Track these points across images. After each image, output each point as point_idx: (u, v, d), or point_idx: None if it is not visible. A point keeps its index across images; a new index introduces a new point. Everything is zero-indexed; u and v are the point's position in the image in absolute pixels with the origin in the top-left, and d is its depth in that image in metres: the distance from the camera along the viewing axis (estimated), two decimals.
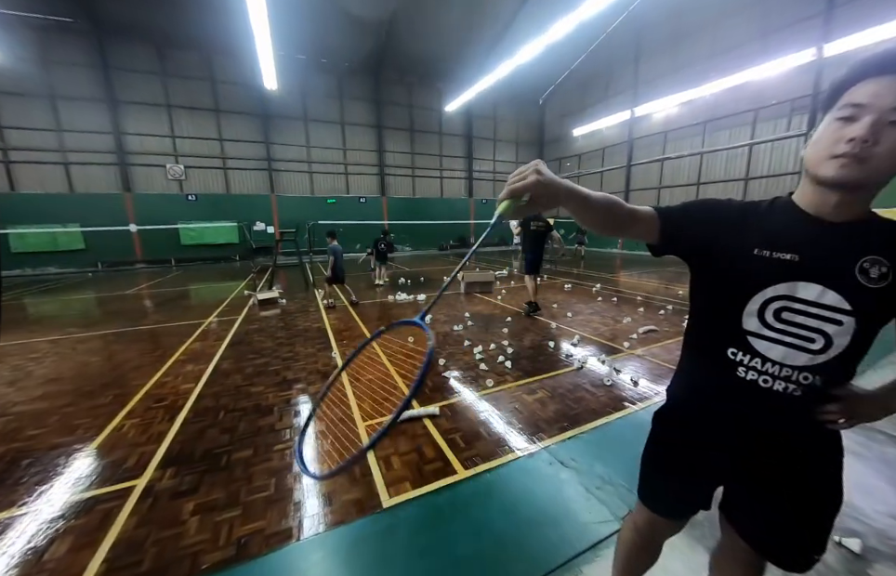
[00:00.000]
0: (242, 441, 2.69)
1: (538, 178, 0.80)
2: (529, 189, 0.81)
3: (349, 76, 19.92)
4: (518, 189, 0.81)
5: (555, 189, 0.83)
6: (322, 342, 5.00)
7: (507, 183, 0.83)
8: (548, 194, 0.82)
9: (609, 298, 7.55)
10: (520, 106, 24.69)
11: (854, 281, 0.79)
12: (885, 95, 0.70)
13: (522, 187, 0.81)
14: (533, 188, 0.81)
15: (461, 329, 5.41)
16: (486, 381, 3.60)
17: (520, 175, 0.82)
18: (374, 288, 9.16)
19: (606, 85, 20.54)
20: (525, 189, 0.81)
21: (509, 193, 0.82)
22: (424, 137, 22.50)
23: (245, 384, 3.70)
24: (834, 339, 0.82)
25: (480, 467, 2.34)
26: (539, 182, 0.80)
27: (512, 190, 0.82)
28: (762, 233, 0.88)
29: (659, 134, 18.25)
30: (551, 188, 0.82)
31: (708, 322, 1.01)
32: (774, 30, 13.54)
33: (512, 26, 16.79)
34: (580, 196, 0.87)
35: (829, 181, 0.77)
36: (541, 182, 0.80)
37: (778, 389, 0.87)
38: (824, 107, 0.82)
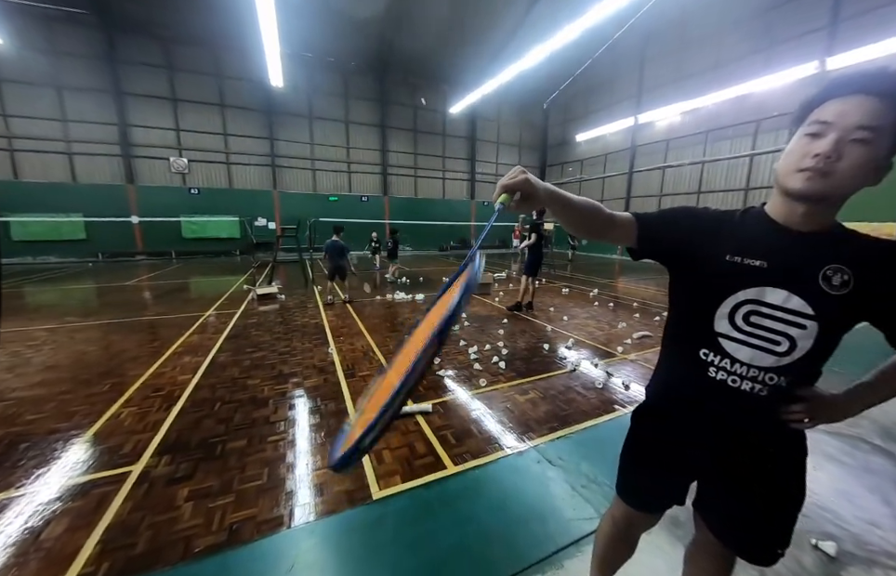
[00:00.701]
0: (237, 432, 2.74)
1: (527, 177, 0.89)
2: (518, 185, 0.89)
3: (355, 75, 20.00)
4: (510, 185, 0.89)
5: (537, 188, 0.91)
6: (319, 338, 5.04)
7: (500, 183, 0.91)
8: (531, 192, 0.90)
9: (605, 303, 7.60)
10: (524, 110, 24.75)
11: (817, 288, 0.84)
12: (850, 113, 0.74)
13: (514, 184, 0.89)
14: (522, 185, 0.89)
15: (457, 328, 5.46)
16: (480, 380, 3.65)
17: (510, 175, 0.91)
18: (374, 286, 9.21)
19: (610, 92, 20.62)
20: (515, 186, 0.89)
21: (503, 189, 0.90)
22: (427, 137, 22.57)
23: (242, 376, 3.74)
24: (798, 342, 0.86)
25: (469, 464, 2.38)
26: (528, 180, 0.89)
27: (505, 186, 0.89)
28: (735, 240, 0.93)
29: (661, 141, 18.31)
30: (536, 186, 0.90)
31: (683, 324, 1.06)
32: (778, 42, 13.61)
33: (518, 31, 16.88)
34: (561, 199, 0.95)
35: (795, 193, 0.82)
36: (528, 180, 0.89)
37: (745, 389, 0.92)
38: (795, 122, 0.87)
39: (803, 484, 1.01)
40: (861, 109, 0.73)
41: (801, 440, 1.01)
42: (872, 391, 0.94)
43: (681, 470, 1.12)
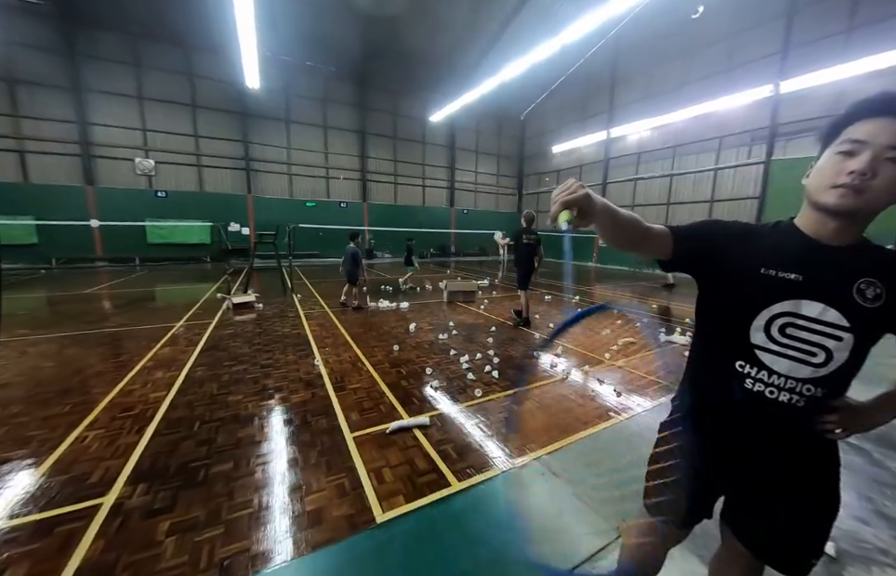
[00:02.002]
0: (221, 454, 2.54)
1: (588, 191, 0.85)
2: (578, 201, 0.85)
3: (334, 80, 19.72)
4: (570, 201, 0.84)
5: (596, 204, 0.87)
6: (304, 349, 4.83)
7: (557, 199, 0.86)
8: (590, 207, 0.87)
9: None
10: (502, 120, 25.23)
11: (852, 301, 0.85)
12: (882, 134, 0.77)
13: (574, 199, 0.84)
14: (583, 200, 0.85)
15: (446, 338, 5.39)
16: (474, 391, 3.59)
17: (568, 190, 0.86)
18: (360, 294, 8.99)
19: (584, 106, 21.35)
20: (576, 201, 0.84)
21: (563, 206, 0.85)
22: (407, 145, 22.54)
23: (222, 392, 3.51)
24: (834, 354, 0.87)
25: (473, 479, 2.31)
26: (588, 195, 0.85)
27: (565, 203, 0.85)
28: (768, 254, 0.93)
29: (633, 155, 19.11)
30: (594, 201, 0.87)
31: (717, 337, 1.05)
32: (738, 65, 14.56)
33: (497, 45, 17.22)
34: (612, 212, 0.92)
35: (830, 208, 0.84)
36: (588, 195, 0.85)
37: (783, 400, 0.92)
38: (825, 141, 0.89)
39: (837, 494, 1.01)
40: (893, 130, 0.76)
41: (835, 450, 1.01)
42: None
43: (714, 483, 1.11)
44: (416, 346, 5.05)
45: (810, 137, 12.82)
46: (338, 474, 2.34)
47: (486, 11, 15.46)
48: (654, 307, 8.31)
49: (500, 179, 26.57)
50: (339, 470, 2.38)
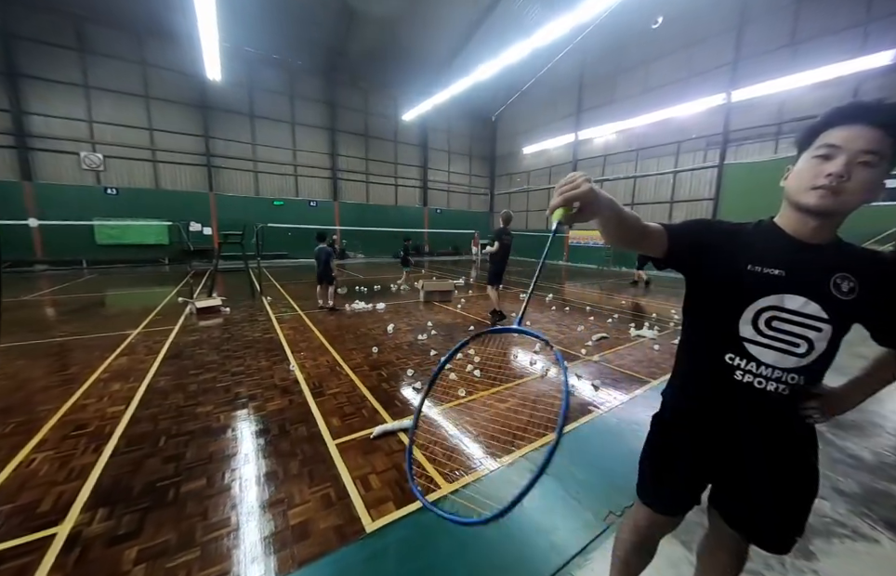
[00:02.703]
0: (191, 470, 2.37)
1: (592, 186, 0.83)
2: (581, 197, 0.83)
3: (302, 75, 19.10)
4: (571, 196, 0.83)
5: (601, 199, 0.87)
6: (277, 354, 4.62)
7: (559, 191, 0.85)
8: (595, 202, 0.86)
9: (561, 307, 7.95)
10: (474, 121, 25.46)
11: (830, 294, 0.92)
12: (855, 139, 0.83)
13: (575, 195, 0.84)
14: (586, 196, 0.83)
15: (426, 338, 5.34)
16: (458, 391, 3.57)
17: (571, 183, 0.84)
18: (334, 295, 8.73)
19: (553, 109, 21.92)
20: (578, 197, 0.83)
21: (563, 201, 0.84)
22: (379, 143, 22.24)
23: (190, 403, 3.28)
24: (815, 344, 0.93)
25: (462, 480, 2.29)
26: (592, 190, 0.83)
27: (566, 198, 0.83)
28: (753, 251, 0.99)
29: (599, 157, 19.86)
30: (599, 197, 0.86)
31: (707, 331, 1.09)
32: (693, 74, 15.48)
33: (467, 46, 17.32)
34: (617, 209, 0.92)
35: (811, 208, 0.90)
36: (593, 190, 0.84)
37: (770, 390, 0.97)
38: (801, 146, 0.95)
39: (817, 474, 1.08)
40: (865, 136, 0.82)
41: (814, 434, 1.08)
42: (867, 384, 1.05)
43: (705, 471, 1.15)
44: (396, 347, 4.97)
45: (758, 143, 13.90)
46: (323, 483, 2.25)
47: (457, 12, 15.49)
48: (623, 304, 8.66)
49: (472, 179, 26.79)
50: (323, 479, 2.28)
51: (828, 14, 11.99)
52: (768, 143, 13.68)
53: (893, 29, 10.68)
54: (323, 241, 7.35)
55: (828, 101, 11.94)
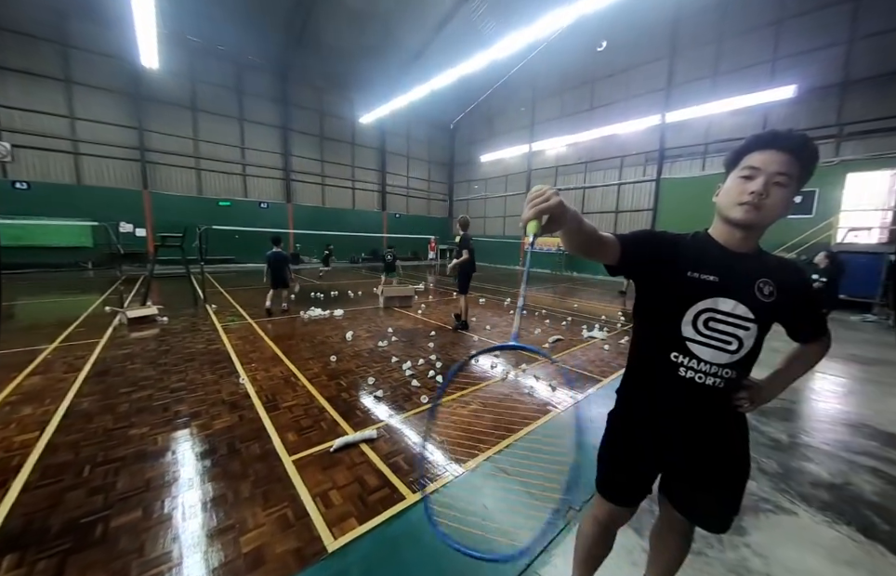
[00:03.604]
0: (125, 501, 2.11)
1: (561, 199, 0.87)
2: (552, 210, 0.87)
3: (253, 71, 18.08)
4: (543, 209, 0.87)
5: (568, 212, 0.91)
6: (225, 366, 4.29)
7: (531, 204, 0.88)
8: (563, 215, 0.90)
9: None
10: (433, 127, 25.66)
11: (755, 297, 1.04)
12: (771, 163, 0.97)
13: (547, 207, 0.87)
14: (556, 209, 0.87)
15: (386, 345, 5.25)
16: (420, 397, 3.54)
17: (541, 196, 0.88)
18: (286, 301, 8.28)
19: (509, 120, 22.72)
20: (548, 210, 0.87)
21: (535, 213, 0.87)
22: (335, 145, 21.62)
23: (121, 426, 2.93)
24: (744, 341, 1.05)
25: (428, 488, 2.26)
26: (562, 203, 0.88)
27: (539, 211, 0.87)
28: (692, 259, 1.10)
29: (551, 167, 20.88)
30: (567, 210, 0.90)
31: (654, 331, 1.19)
32: (633, 95, 16.85)
33: (426, 53, 17.45)
34: (579, 220, 0.98)
35: (737, 222, 1.03)
36: (562, 203, 0.88)
37: (708, 384, 1.08)
38: (728, 167, 1.09)
39: (749, 458, 1.21)
40: (778, 160, 0.96)
41: (745, 422, 1.21)
42: (785, 375, 1.22)
43: (656, 461, 1.25)
44: (355, 355, 4.83)
45: (689, 160, 15.40)
46: (279, 504, 2.11)
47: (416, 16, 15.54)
48: (575, 307, 9.13)
49: (432, 185, 26.93)
50: (279, 500, 2.14)
51: (742, 51, 13.68)
52: (697, 160, 15.23)
53: (795, 67, 12.41)
54: (279, 245, 7.14)
55: (744, 126, 13.61)
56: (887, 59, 10.94)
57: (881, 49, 11.04)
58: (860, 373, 4.77)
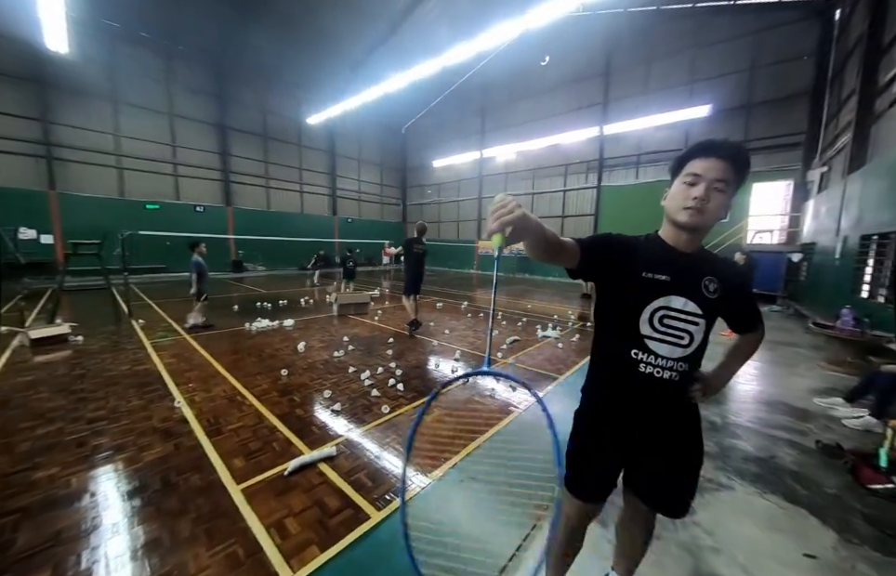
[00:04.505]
0: (28, 560, 1.76)
1: (524, 211, 0.88)
2: (515, 222, 0.88)
3: (184, 62, 16.56)
4: (507, 221, 0.87)
5: (530, 222, 0.92)
6: (155, 389, 3.82)
7: (494, 216, 0.88)
8: (526, 226, 0.91)
9: (476, 314, 8.32)
10: (385, 131, 25.32)
11: (702, 294, 1.12)
12: (710, 170, 1.05)
13: (510, 219, 0.87)
14: (520, 221, 0.88)
15: (343, 355, 5.02)
16: (381, 408, 3.42)
17: (504, 208, 0.88)
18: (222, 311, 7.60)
19: (460, 126, 23.11)
20: (512, 222, 0.87)
21: (500, 226, 0.87)
22: (280, 146, 20.46)
23: (22, 468, 2.47)
24: (694, 336, 1.13)
25: (394, 504, 2.17)
26: (525, 214, 0.88)
27: (503, 223, 0.87)
28: (645, 260, 1.16)
29: (502, 174, 21.60)
30: (529, 220, 0.91)
31: (615, 331, 1.23)
32: (575, 108, 17.99)
33: (375, 55, 17.17)
34: (542, 229, 1.00)
35: (683, 224, 1.10)
36: (525, 215, 0.89)
37: (665, 377, 1.14)
38: (673, 173, 1.17)
39: (702, 446, 1.30)
40: (717, 167, 1.05)
41: (697, 412, 1.29)
42: (730, 366, 1.32)
43: (621, 455, 1.29)
44: (309, 367, 4.55)
45: (624, 169, 16.72)
46: (226, 541, 1.89)
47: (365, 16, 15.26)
48: (529, 307, 9.46)
49: (384, 189, 26.54)
50: (227, 536, 1.92)
51: (666, 73, 15.22)
52: (631, 170, 16.60)
53: (709, 89, 14.02)
54: (196, 249, 6.55)
55: (669, 140, 15.12)
56: (781, 87, 12.77)
57: (776, 77, 12.86)
58: (771, 356, 5.44)
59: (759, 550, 1.90)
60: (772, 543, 1.97)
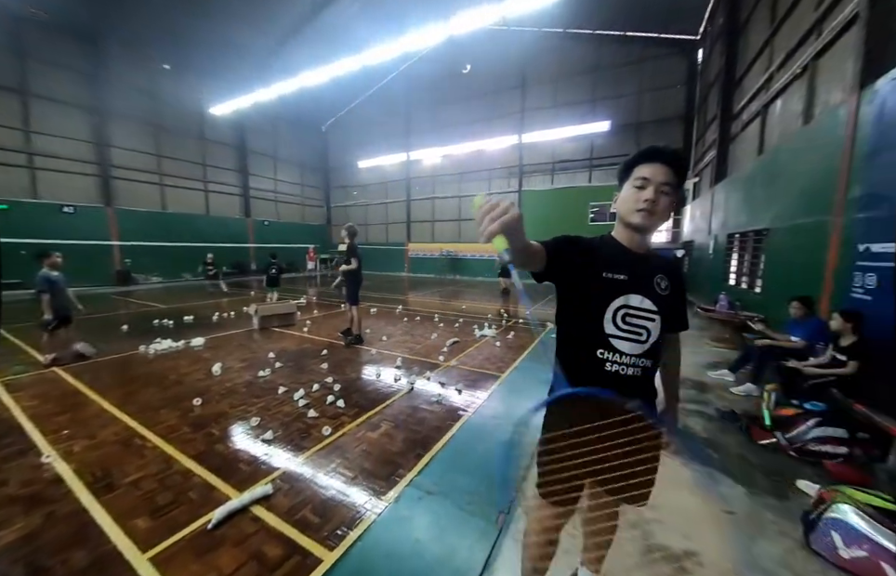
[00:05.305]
0: None
1: (521, 213, 0.84)
2: (518, 221, 0.83)
3: (43, 31, 13.34)
4: (507, 221, 0.80)
5: (522, 227, 0.88)
6: (11, 442, 2.93)
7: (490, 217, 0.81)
8: (519, 227, 0.86)
9: (412, 317, 8.19)
10: (305, 129, 23.69)
11: (655, 291, 1.19)
12: (657, 174, 1.12)
13: (511, 219, 0.81)
14: (518, 221, 0.84)
15: (269, 374, 4.48)
16: (322, 429, 3.10)
17: (501, 210, 0.81)
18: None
19: (386, 127, 22.63)
20: (512, 222, 0.82)
21: (501, 227, 0.80)
22: (177, 138, 17.72)
23: None
24: (651, 332, 1.19)
25: (349, 539, 1.94)
26: (521, 216, 0.84)
27: (504, 223, 0.80)
28: (604, 261, 1.20)
29: (430, 177, 21.75)
30: (523, 225, 0.87)
31: (580, 333, 1.25)
32: (496, 116, 18.92)
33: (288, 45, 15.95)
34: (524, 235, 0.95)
35: (637, 226, 1.17)
36: (522, 216, 0.84)
37: (630, 374, 1.19)
38: (621, 178, 1.23)
39: (660, 436, 1.37)
40: (663, 171, 1.13)
41: (655, 405, 1.37)
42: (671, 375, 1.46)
43: (591, 455, 1.30)
44: (228, 392, 3.96)
45: (541, 176, 18.09)
46: None
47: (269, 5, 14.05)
48: (464, 308, 9.63)
49: (305, 190, 24.81)
50: None
51: (571, 89, 16.89)
52: (547, 176, 18.05)
53: (607, 108, 15.91)
54: (45, 260, 5.06)
55: (578, 151, 16.84)
56: (662, 109, 15.06)
57: (658, 101, 15.13)
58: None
59: (693, 515, 2.13)
60: (700, 506, 2.22)
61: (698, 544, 1.93)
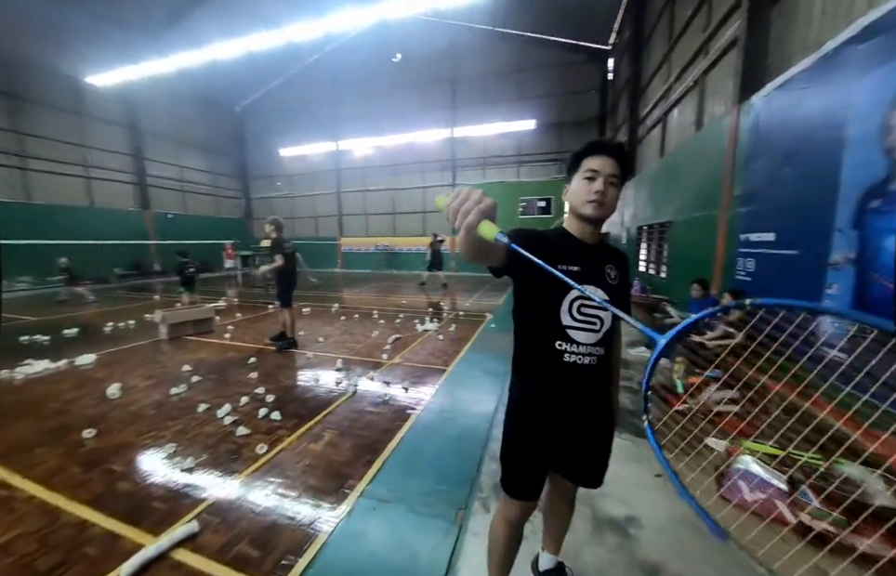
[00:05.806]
0: None
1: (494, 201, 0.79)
2: (494, 209, 0.78)
3: None
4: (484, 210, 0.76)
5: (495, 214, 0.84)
6: None
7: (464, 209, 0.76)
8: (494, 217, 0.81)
9: (350, 316, 7.82)
10: (215, 111, 21.00)
11: (606, 281, 1.25)
12: (605, 167, 1.17)
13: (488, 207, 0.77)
14: (495, 209, 0.79)
15: (185, 390, 3.89)
16: (256, 448, 2.77)
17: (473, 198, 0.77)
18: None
19: (311, 115, 21.07)
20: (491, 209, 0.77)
21: (480, 215, 0.75)
22: (45, 111, 14.42)
23: None
24: (604, 321, 1.24)
25: (297, 568, 1.75)
26: (495, 203, 0.80)
27: (482, 211, 0.76)
28: (560, 252, 1.22)
29: (361, 168, 20.90)
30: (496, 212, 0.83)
31: (539, 325, 1.26)
32: (427, 108, 18.78)
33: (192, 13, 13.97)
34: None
35: (587, 217, 1.21)
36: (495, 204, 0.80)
37: (586, 363, 1.23)
38: (570, 169, 1.27)
39: (613, 421, 1.45)
40: (609, 164, 1.18)
41: (609, 392, 1.44)
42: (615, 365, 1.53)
43: (553, 444, 1.33)
44: (131, 417, 3.35)
45: (473, 170, 18.53)
46: None
47: None
48: (404, 303, 9.48)
49: (219, 179, 22.12)
50: None
51: (500, 88, 17.49)
52: (479, 170, 18.54)
53: (533, 107, 16.79)
54: None
55: (507, 147, 17.57)
56: (580, 111, 16.38)
57: (577, 103, 16.41)
58: None
59: (629, 482, 2.34)
60: (635, 473, 2.45)
61: (636, 509, 2.12)
